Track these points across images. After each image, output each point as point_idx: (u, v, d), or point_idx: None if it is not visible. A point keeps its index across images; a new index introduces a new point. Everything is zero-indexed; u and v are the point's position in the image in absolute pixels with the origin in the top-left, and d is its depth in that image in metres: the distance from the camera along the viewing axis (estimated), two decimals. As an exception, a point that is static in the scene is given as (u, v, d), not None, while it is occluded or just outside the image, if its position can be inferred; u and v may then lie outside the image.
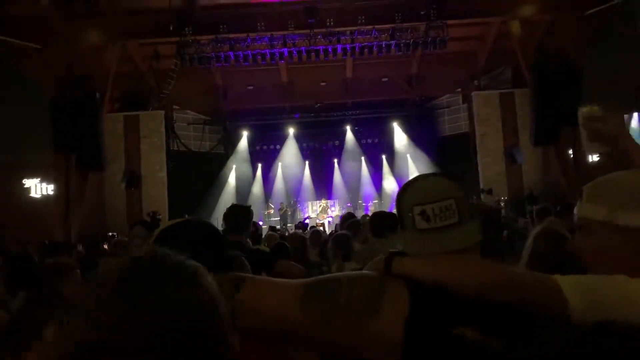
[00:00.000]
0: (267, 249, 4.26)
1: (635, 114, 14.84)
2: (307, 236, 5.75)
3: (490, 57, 16.25)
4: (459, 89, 17.79)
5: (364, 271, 1.21)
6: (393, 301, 1.07)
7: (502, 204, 13.90)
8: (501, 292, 1.05)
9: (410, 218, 1.21)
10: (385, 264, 1.16)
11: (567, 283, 1.08)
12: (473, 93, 16.61)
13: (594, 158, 14.92)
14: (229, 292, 1.03)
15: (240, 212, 3.83)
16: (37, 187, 15.00)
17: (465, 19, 15.11)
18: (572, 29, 14.47)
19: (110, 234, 12.84)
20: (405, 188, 1.27)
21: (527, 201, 12.97)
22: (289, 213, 17.29)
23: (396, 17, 14.43)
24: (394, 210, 1.38)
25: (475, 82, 16.80)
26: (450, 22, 14.38)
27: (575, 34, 14.51)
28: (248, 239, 4.16)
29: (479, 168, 15.93)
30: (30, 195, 14.89)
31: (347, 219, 5.80)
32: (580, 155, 14.58)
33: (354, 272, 1.23)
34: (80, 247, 9.00)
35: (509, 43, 15.34)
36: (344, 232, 4.57)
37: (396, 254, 1.19)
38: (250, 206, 4.02)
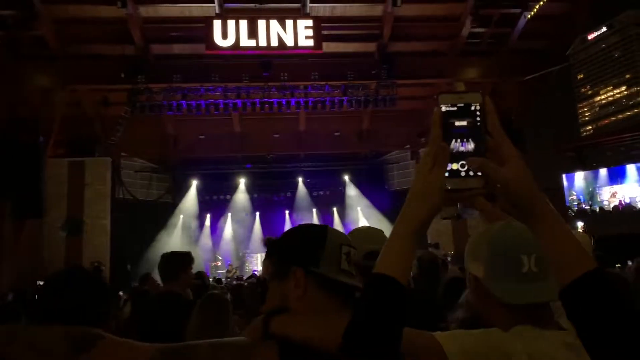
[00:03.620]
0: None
1: (578, 173, 15.63)
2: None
3: (437, 116, 16.83)
4: (408, 146, 18.28)
5: (236, 337, 1.18)
6: None
7: (449, 258, 14.08)
8: None
9: (336, 255, 1.22)
10: (263, 324, 1.14)
11: (446, 339, 1.11)
12: (421, 150, 17.09)
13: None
14: (69, 350, 0.98)
15: (166, 260, 3.68)
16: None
17: (413, 79, 15.75)
18: (514, 92, 15.29)
19: (39, 283, 12.16)
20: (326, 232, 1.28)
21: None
22: (237, 275, 16.91)
23: (348, 75, 14.89)
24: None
25: (423, 139, 17.33)
26: (399, 82, 14.94)
27: (517, 97, 15.32)
28: (188, 290, 3.99)
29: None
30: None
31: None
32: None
33: (221, 340, 1.20)
34: (10, 296, 8.46)
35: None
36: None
37: (274, 313, 1.16)
38: (187, 253, 3.86)
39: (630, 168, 15.69)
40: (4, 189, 13.08)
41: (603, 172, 15.39)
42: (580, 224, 14.53)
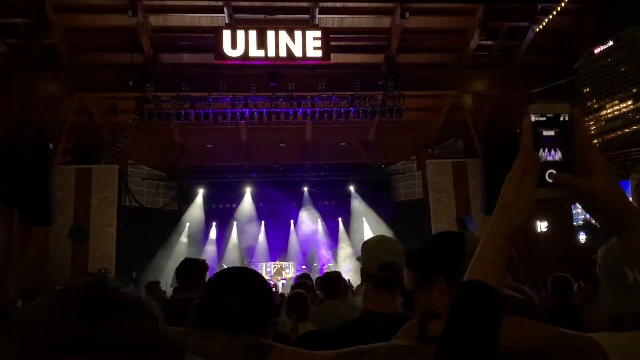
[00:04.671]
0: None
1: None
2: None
3: (443, 128, 16.94)
4: (414, 157, 18.29)
5: (397, 341, 1.18)
6: None
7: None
8: (544, 354, 1.02)
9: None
10: (420, 327, 1.13)
11: (602, 338, 1.07)
12: (427, 161, 17.10)
13: (542, 228, 15.44)
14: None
15: (191, 267, 3.68)
16: (-25, 239, 14.19)
17: (420, 90, 15.81)
18: (520, 105, 15.24)
19: (58, 288, 12.17)
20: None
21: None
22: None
23: (355, 86, 14.95)
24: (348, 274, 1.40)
25: (429, 150, 17.36)
26: (406, 93, 14.99)
27: (523, 110, 15.30)
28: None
29: (432, 234, 16.14)
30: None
31: (301, 279, 5.72)
32: (529, 225, 15.03)
33: (393, 343, 1.19)
34: (19, 303, 8.46)
35: (461, 115, 16.06)
36: (300, 290, 4.47)
37: (430, 316, 1.15)
38: (204, 260, 3.87)
39: (636, 182, 15.60)
40: (12, 196, 13.12)
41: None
42: (583, 237, 14.47)
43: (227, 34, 14.09)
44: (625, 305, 1.22)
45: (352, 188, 19.00)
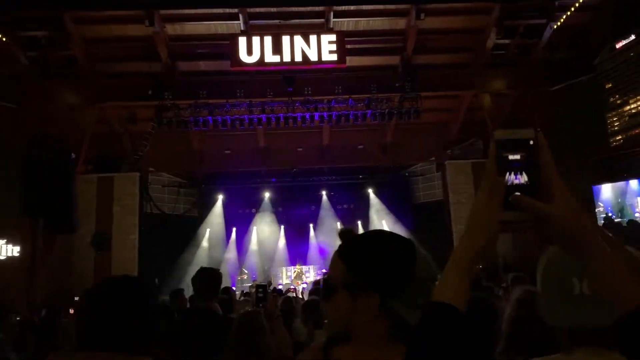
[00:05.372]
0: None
1: (605, 185, 15.30)
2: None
3: (462, 128, 16.77)
4: (433, 158, 18.16)
5: None
6: None
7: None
8: None
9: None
10: (323, 352, 1.13)
11: None
12: (446, 162, 16.96)
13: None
14: None
15: (208, 277, 3.71)
16: (3, 248, 14.49)
17: (437, 91, 15.70)
18: (540, 103, 15.11)
19: (76, 298, 12.34)
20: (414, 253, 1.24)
21: (502, 269, 12.99)
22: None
23: (372, 88, 14.91)
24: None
25: (448, 151, 17.20)
26: (423, 94, 14.90)
27: (543, 108, 15.13)
28: (217, 305, 4.02)
29: (454, 236, 16.02)
30: (-4, 255, 14.36)
31: (317, 285, 5.70)
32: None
33: None
34: (43, 312, 8.58)
35: (480, 115, 15.90)
36: (313, 297, 4.45)
37: (338, 338, 1.14)
38: (219, 270, 3.90)
39: (662, 179, 15.31)
40: (36, 205, 13.37)
41: (633, 183, 15.03)
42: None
43: (242, 41, 14.19)
44: (571, 318, 1.17)
45: (370, 191, 18.94)
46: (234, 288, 15.45)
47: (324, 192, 18.84)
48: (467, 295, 0.88)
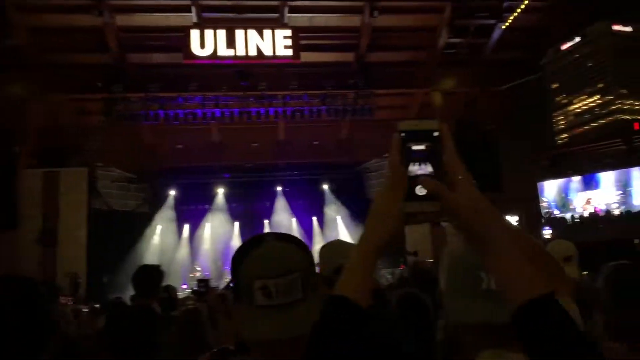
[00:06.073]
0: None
1: (552, 181, 15.86)
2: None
3: (415, 125, 17.01)
4: (387, 155, 18.29)
5: None
6: None
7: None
8: None
9: (248, 291, 1.08)
10: None
11: None
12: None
13: (514, 222, 15.65)
14: None
15: (148, 275, 3.64)
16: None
17: (390, 89, 15.88)
18: (490, 101, 15.51)
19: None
20: (245, 254, 1.14)
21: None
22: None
23: (327, 85, 14.96)
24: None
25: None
26: (377, 91, 15.05)
27: (493, 107, 15.53)
28: (157, 304, 3.94)
29: (405, 231, 16.25)
30: None
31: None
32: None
33: None
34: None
35: (432, 113, 16.18)
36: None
37: (224, 353, 1.13)
38: (159, 266, 3.83)
39: (604, 175, 16.00)
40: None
41: (576, 179, 15.64)
42: (548, 232, 14.72)
43: (195, 34, 13.97)
44: (477, 314, 1.08)
45: (326, 187, 18.99)
46: (184, 286, 15.24)
47: (279, 188, 18.75)
48: (369, 288, 0.86)
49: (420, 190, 0.85)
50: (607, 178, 15.66)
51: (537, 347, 0.76)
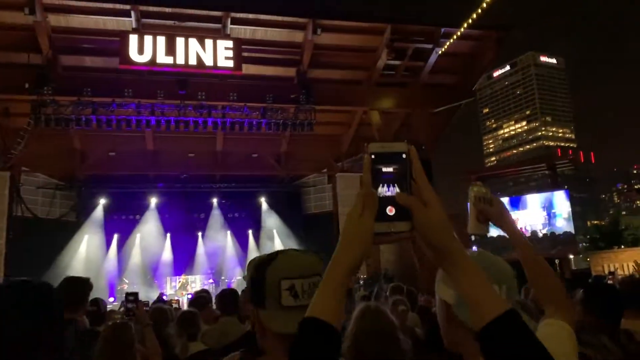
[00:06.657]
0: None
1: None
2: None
3: (353, 142, 17.33)
4: (325, 170, 18.54)
5: None
6: None
7: (362, 282, 14.33)
8: None
9: (275, 292, 1.16)
10: None
11: None
12: (337, 174, 17.38)
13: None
14: None
15: (74, 287, 3.45)
16: None
17: (331, 105, 16.09)
18: (424, 122, 16.03)
19: None
20: (271, 259, 1.23)
21: (383, 280, 13.55)
22: None
23: (267, 98, 14.92)
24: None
25: (339, 164, 17.66)
26: (318, 107, 15.19)
27: (427, 128, 16.06)
28: (85, 317, 3.75)
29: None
30: None
31: (198, 295, 5.53)
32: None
33: None
34: None
35: (370, 130, 16.52)
36: (190, 309, 4.31)
37: (254, 352, 1.15)
38: (88, 279, 3.63)
39: (530, 197, 16.89)
40: None
41: (504, 200, 16.38)
42: (475, 249, 15.31)
43: (134, 39, 13.59)
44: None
45: (263, 200, 18.87)
46: (111, 299, 14.61)
47: (215, 200, 18.44)
48: (342, 310, 0.88)
49: (390, 211, 0.86)
50: (533, 200, 16.54)
51: None
